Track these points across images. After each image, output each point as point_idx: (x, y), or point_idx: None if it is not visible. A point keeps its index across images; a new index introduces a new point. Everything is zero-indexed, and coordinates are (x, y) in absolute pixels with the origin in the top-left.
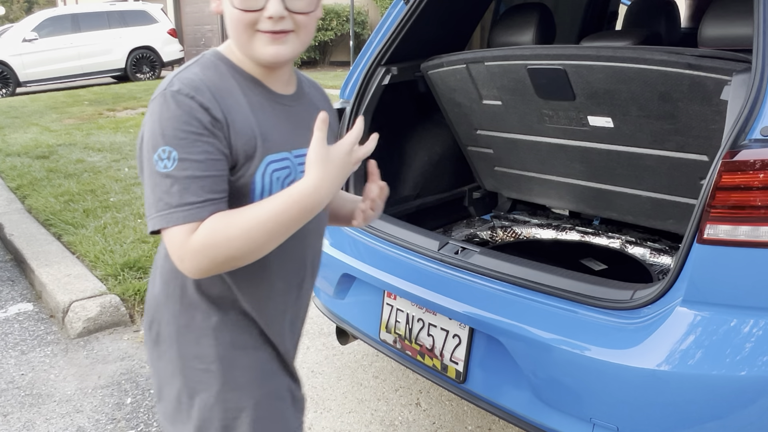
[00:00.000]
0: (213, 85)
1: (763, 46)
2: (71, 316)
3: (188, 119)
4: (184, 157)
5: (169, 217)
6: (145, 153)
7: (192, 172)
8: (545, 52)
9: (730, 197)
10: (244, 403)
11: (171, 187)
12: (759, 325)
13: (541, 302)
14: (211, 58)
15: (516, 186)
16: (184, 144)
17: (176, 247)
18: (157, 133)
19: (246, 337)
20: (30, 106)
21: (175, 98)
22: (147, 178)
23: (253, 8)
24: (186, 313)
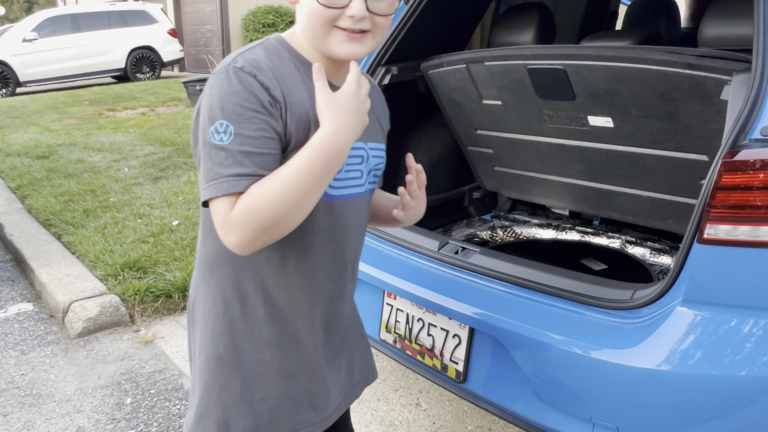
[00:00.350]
0: (275, 68)
1: (763, 46)
2: (71, 316)
3: (248, 96)
4: (240, 132)
5: (218, 186)
6: (202, 124)
7: (246, 148)
8: (545, 52)
9: (730, 197)
10: (250, 397)
11: (225, 160)
12: (759, 325)
13: (541, 302)
14: (274, 43)
15: (516, 186)
16: (241, 119)
17: (220, 220)
18: (216, 106)
19: (265, 333)
20: (30, 106)
21: (237, 75)
22: (202, 149)
23: (337, 5)
24: (211, 298)
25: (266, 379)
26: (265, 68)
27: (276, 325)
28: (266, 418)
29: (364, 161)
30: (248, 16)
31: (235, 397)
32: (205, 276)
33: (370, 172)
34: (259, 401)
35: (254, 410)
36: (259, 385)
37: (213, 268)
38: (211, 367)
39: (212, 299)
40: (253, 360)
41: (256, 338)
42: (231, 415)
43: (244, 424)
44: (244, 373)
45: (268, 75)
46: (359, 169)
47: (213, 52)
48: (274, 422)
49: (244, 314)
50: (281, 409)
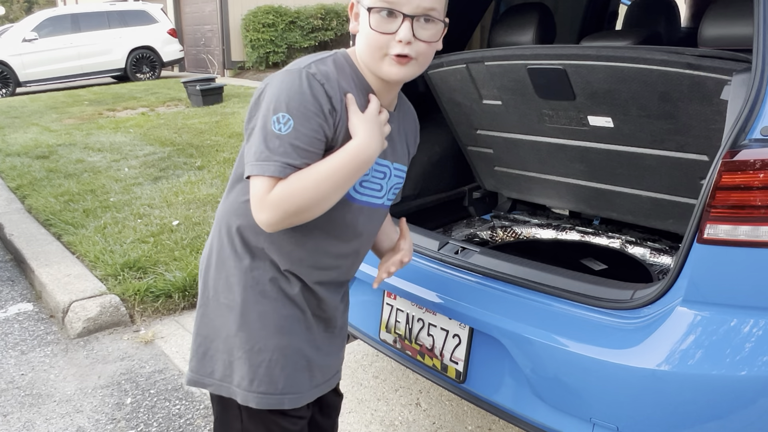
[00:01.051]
0: (340, 82)
1: (763, 46)
2: (71, 316)
3: (313, 100)
4: (298, 128)
5: (265, 166)
6: (263, 110)
7: (299, 143)
8: (545, 52)
9: (730, 197)
10: (250, 347)
11: (278, 147)
12: (759, 325)
13: (541, 302)
14: (342, 60)
15: (516, 186)
16: (302, 118)
17: (258, 198)
18: (283, 100)
19: (269, 289)
20: (30, 106)
21: (309, 79)
22: (258, 131)
23: (388, 31)
24: (227, 251)
25: (266, 331)
26: (333, 80)
27: (279, 284)
28: (263, 370)
29: (386, 177)
30: (248, 16)
31: (238, 344)
32: (223, 230)
33: (390, 189)
34: (257, 352)
35: (252, 359)
36: (259, 336)
37: (233, 225)
38: (222, 311)
39: (227, 252)
40: (257, 311)
41: (261, 290)
42: (233, 360)
43: (242, 370)
44: (248, 320)
45: (334, 87)
46: (380, 183)
47: (213, 52)
48: (269, 375)
49: (253, 268)
50: (275, 364)
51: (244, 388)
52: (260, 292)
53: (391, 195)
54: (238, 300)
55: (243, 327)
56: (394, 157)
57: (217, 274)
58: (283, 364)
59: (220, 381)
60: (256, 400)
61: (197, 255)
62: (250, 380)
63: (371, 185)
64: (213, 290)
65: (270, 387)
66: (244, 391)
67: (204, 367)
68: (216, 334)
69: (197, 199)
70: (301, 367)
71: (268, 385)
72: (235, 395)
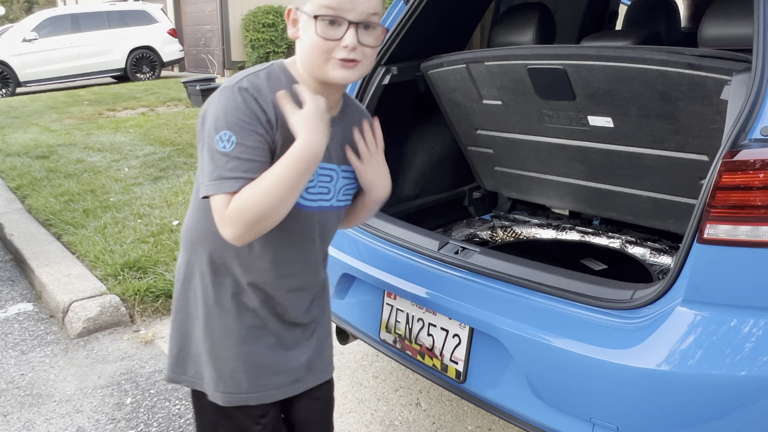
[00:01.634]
0: (273, 93)
1: (763, 46)
2: (71, 316)
3: (249, 112)
4: (241, 142)
5: (218, 185)
6: (207, 131)
7: (244, 155)
8: (545, 52)
9: (730, 197)
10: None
11: (226, 164)
12: (759, 325)
13: (541, 302)
14: (277, 70)
15: (516, 186)
16: (242, 132)
17: (219, 216)
18: (221, 118)
19: (229, 303)
20: (30, 106)
21: (242, 94)
22: (206, 153)
23: (333, 38)
24: (191, 267)
25: (229, 341)
26: (265, 93)
27: (240, 298)
28: (227, 374)
29: (333, 180)
30: (248, 16)
31: (205, 350)
32: (188, 248)
33: (339, 190)
34: (222, 359)
35: (217, 365)
36: (222, 345)
37: (195, 243)
38: (192, 320)
39: (192, 268)
40: (220, 323)
41: (222, 305)
42: (202, 362)
43: (210, 373)
44: (212, 332)
45: (267, 99)
46: (327, 187)
47: (213, 52)
48: (233, 378)
49: (214, 284)
50: (239, 370)
51: (212, 388)
52: (222, 306)
53: (342, 196)
54: (202, 313)
55: (208, 336)
56: (339, 159)
57: (185, 286)
58: (246, 370)
59: (193, 378)
60: (222, 398)
61: None
62: (216, 382)
63: (319, 190)
64: (183, 300)
65: (235, 388)
66: (212, 391)
67: (179, 367)
68: (188, 339)
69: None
70: (265, 371)
71: (233, 387)
72: (206, 391)
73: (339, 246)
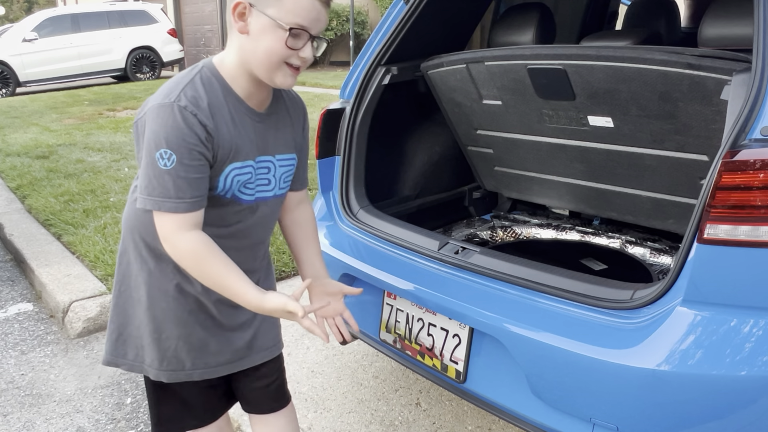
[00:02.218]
0: (210, 103)
1: (763, 46)
2: (71, 316)
3: (189, 132)
4: (181, 161)
5: (163, 204)
6: (147, 145)
7: (185, 174)
8: (545, 52)
9: (730, 197)
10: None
11: (167, 182)
12: (759, 325)
13: (541, 302)
14: (208, 74)
15: (516, 186)
16: (182, 151)
17: (164, 231)
18: (161, 136)
19: (170, 287)
20: (30, 106)
21: (181, 113)
22: (146, 166)
23: (295, 47)
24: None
25: (170, 322)
26: (204, 106)
27: (181, 285)
28: (170, 354)
29: (271, 171)
30: None
31: (147, 332)
32: (128, 235)
33: (279, 179)
34: (165, 339)
35: (160, 345)
36: (164, 327)
37: (134, 230)
38: (133, 304)
39: (133, 254)
40: (161, 306)
41: (164, 290)
42: (144, 344)
43: (152, 354)
44: (154, 314)
45: (205, 113)
46: (267, 178)
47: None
48: (176, 357)
49: (156, 270)
50: (181, 349)
51: (155, 368)
52: (164, 292)
53: (283, 184)
54: (144, 297)
55: (150, 319)
56: (275, 150)
57: (126, 271)
58: (188, 349)
59: (132, 361)
60: (166, 376)
61: None
62: (160, 361)
63: (259, 182)
64: (124, 285)
65: (178, 365)
66: (155, 370)
67: (117, 350)
68: (128, 322)
69: None
70: (207, 351)
71: (176, 365)
72: (148, 373)
73: (339, 246)
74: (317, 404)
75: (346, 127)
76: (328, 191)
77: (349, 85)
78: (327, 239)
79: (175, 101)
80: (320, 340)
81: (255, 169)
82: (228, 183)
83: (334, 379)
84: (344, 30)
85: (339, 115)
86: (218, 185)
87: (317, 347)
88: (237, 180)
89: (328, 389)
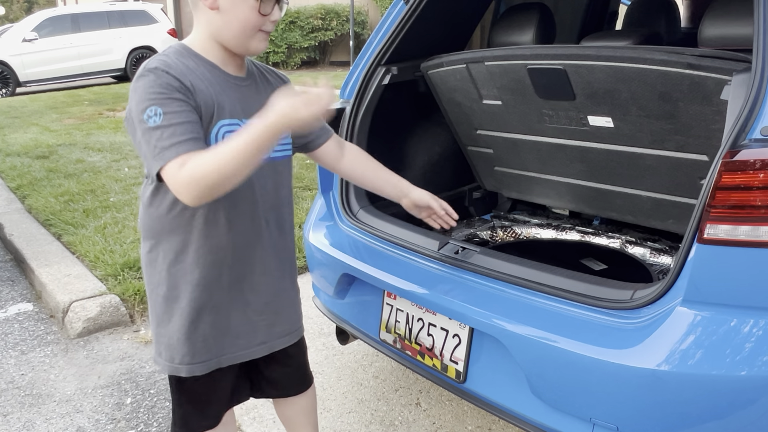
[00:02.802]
0: (181, 65)
1: (763, 46)
2: (71, 316)
3: (166, 85)
4: (167, 111)
5: (163, 155)
6: (136, 117)
7: (175, 120)
8: (545, 52)
9: (730, 197)
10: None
11: (161, 135)
12: (759, 325)
13: (541, 302)
14: (179, 48)
15: (516, 186)
16: (165, 102)
17: (172, 182)
18: (144, 98)
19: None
20: (30, 106)
21: (154, 72)
22: (142, 138)
23: (266, 13)
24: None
25: (198, 314)
26: (174, 65)
27: (203, 270)
28: (199, 345)
29: None
30: None
31: (176, 328)
32: (147, 238)
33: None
34: (193, 331)
35: (190, 338)
36: (192, 319)
37: (153, 232)
38: (160, 302)
39: (154, 253)
40: (188, 298)
41: (189, 281)
42: (173, 342)
43: (183, 349)
44: (182, 308)
45: (177, 70)
46: None
47: None
48: (205, 347)
49: (177, 262)
50: (210, 337)
51: (187, 363)
52: (187, 282)
53: (280, 147)
54: (169, 291)
55: (179, 313)
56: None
57: (150, 271)
58: (215, 335)
59: (165, 361)
60: (200, 368)
61: None
62: (191, 355)
63: None
64: (151, 285)
65: (209, 355)
66: (187, 366)
67: (155, 349)
68: (158, 322)
69: None
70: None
71: (207, 354)
72: (180, 372)
73: (339, 246)
74: (317, 404)
75: (346, 127)
76: (328, 191)
77: (349, 86)
78: (327, 239)
79: (147, 67)
80: (320, 340)
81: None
82: (219, 139)
83: (334, 379)
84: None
85: (339, 115)
86: (210, 141)
87: (317, 347)
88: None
89: (328, 389)
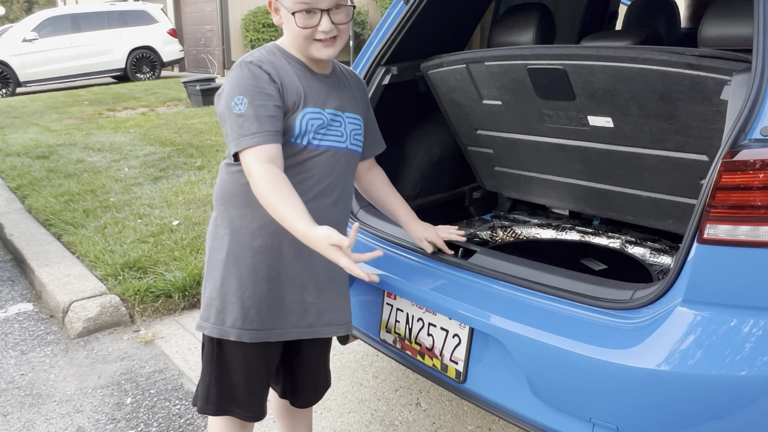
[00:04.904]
0: (273, 62)
1: (763, 46)
2: (71, 316)
3: (257, 76)
4: (252, 102)
5: (240, 142)
6: (224, 103)
7: (257, 112)
8: (545, 52)
9: (730, 197)
10: (241, 293)
11: (243, 123)
12: (759, 325)
13: (541, 302)
14: (272, 47)
15: (516, 186)
16: (252, 93)
17: (247, 167)
18: (235, 87)
19: (257, 243)
20: (30, 106)
21: (248, 66)
22: (227, 122)
23: (311, 25)
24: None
25: (254, 280)
26: (267, 62)
27: (265, 239)
28: (253, 312)
29: (342, 125)
30: (248, 16)
31: (231, 291)
32: (217, 205)
33: (350, 134)
34: (248, 297)
35: (243, 304)
36: (248, 284)
37: (223, 198)
38: (217, 265)
39: (221, 217)
40: (246, 263)
41: (249, 247)
42: (226, 305)
43: (235, 313)
44: (239, 273)
45: (269, 66)
46: (340, 130)
47: (213, 52)
48: (258, 315)
49: (242, 227)
50: (262, 306)
51: (238, 327)
52: (248, 248)
53: (354, 140)
54: (227, 255)
55: (235, 277)
56: (343, 107)
57: (214, 235)
58: (268, 307)
59: (213, 324)
60: (249, 335)
61: (197, 255)
62: (243, 320)
63: (333, 132)
64: (212, 250)
65: (260, 324)
66: (238, 330)
67: (204, 313)
68: (213, 285)
69: (197, 199)
70: (284, 310)
71: (258, 323)
72: (229, 335)
73: None
74: (317, 404)
75: None
76: None
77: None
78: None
79: (242, 61)
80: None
81: (328, 119)
82: (303, 126)
83: (334, 379)
84: None
85: None
86: (294, 127)
87: None
88: (311, 123)
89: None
